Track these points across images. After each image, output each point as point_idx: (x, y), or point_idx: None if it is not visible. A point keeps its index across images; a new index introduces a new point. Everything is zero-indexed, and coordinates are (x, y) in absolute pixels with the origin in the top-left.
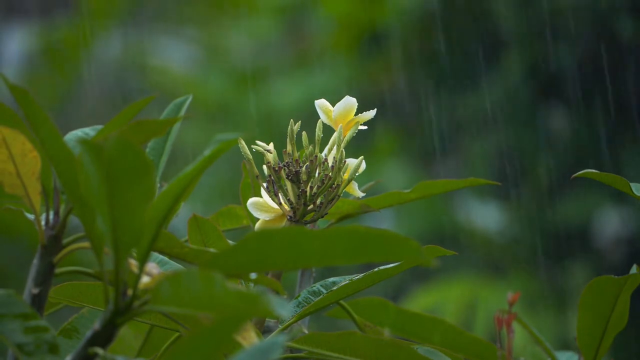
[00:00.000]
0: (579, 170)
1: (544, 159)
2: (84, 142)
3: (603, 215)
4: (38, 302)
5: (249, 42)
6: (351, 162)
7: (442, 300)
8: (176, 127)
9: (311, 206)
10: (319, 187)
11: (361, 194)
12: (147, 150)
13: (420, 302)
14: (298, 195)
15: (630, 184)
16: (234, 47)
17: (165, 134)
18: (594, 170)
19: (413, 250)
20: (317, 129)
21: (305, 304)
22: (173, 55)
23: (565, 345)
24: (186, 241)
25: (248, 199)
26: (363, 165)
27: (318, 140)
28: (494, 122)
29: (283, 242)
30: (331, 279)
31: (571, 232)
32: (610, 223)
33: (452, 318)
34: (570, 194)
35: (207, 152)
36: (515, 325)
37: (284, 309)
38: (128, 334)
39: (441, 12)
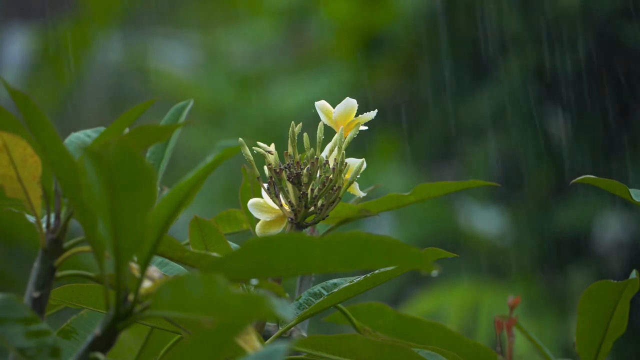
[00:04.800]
0: (579, 176)
1: (544, 164)
2: (86, 149)
3: (603, 221)
4: (39, 305)
5: (249, 45)
6: (352, 162)
7: (444, 304)
8: (177, 131)
9: (312, 208)
10: (320, 189)
11: (363, 194)
12: (148, 154)
13: (422, 306)
14: (299, 198)
15: (630, 190)
16: (235, 51)
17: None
18: (593, 176)
19: (414, 257)
20: (318, 131)
21: (306, 305)
22: (174, 58)
23: (565, 350)
24: (187, 244)
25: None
26: (364, 166)
27: (319, 142)
28: (495, 126)
29: (284, 248)
30: (332, 281)
31: (572, 237)
32: (610, 228)
33: (453, 322)
34: (570, 199)
35: (209, 159)
36: (516, 332)
37: (288, 310)
38: (127, 337)
39: (442, 17)
